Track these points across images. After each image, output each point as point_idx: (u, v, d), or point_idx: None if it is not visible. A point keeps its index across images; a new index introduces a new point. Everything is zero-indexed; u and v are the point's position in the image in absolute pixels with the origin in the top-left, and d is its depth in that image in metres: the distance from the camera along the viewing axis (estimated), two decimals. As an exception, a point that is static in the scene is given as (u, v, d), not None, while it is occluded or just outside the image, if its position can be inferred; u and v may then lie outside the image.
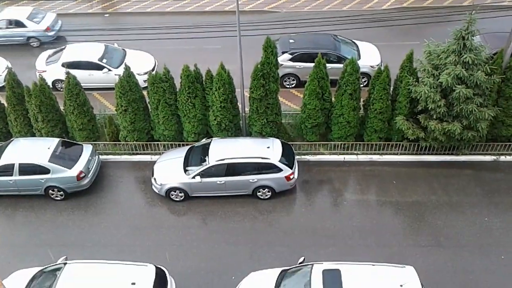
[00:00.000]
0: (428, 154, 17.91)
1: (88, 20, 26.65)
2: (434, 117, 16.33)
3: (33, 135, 18.36)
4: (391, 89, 17.11)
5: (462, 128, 16.10)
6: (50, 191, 16.89)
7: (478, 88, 15.67)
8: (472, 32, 15.09)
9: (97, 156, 17.85)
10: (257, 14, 26.01)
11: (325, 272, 12.65)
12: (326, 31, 21.30)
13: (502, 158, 17.90)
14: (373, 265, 12.96)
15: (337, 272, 12.59)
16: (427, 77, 15.96)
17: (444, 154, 17.95)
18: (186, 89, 16.84)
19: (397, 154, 18.09)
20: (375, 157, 18.12)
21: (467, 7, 23.21)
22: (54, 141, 17.26)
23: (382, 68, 16.84)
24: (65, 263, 13.44)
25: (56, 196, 17.06)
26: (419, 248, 15.24)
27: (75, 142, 17.99)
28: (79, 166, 16.78)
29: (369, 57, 21.33)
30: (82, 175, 16.77)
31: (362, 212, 16.42)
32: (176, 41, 20.45)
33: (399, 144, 17.84)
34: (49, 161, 16.51)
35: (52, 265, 13.65)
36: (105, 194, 17.37)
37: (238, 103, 17.59)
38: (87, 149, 17.45)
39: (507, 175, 17.42)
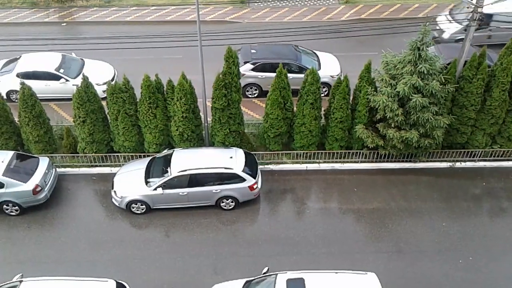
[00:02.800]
0: (387, 161, 18.31)
1: (44, 29, 25.93)
2: (392, 125, 16.73)
3: (-14, 148, 17.66)
4: (351, 99, 17.44)
5: (419, 136, 16.56)
6: (5, 206, 16.22)
7: (433, 97, 16.19)
8: (426, 43, 15.60)
9: (54, 169, 17.30)
10: (218, 24, 26.03)
11: (289, 282, 12.67)
12: (287, 41, 21.54)
13: (458, 164, 18.51)
14: (336, 272, 13.08)
15: (301, 281, 12.62)
16: (384, 86, 16.36)
17: (402, 161, 18.39)
18: (147, 99, 16.61)
19: (357, 162, 18.41)
20: (337, 165, 18.37)
21: (421, 19, 24.01)
22: (8, 154, 16.63)
23: (342, 78, 17.14)
24: (20, 281, 12.96)
25: (11, 212, 16.41)
26: (381, 255, 15.51)
27: (30, 155, 17.40)
28: (35, 179, 16.20)
29: (329, 67, 21.68)
30: (38, 189, 16.20)
31: (325, 220, 16.57)
32: (136, 51, 20.15)
33: (360, 152, 18.16)
34: (3, 175, 15.88)
35: (7, 283, 13.10)
36: (62, 208, 16.84)
37: (200, 113, 17.49)
38: (44, 162, 16.89)
39: (463, 181, 18.03)
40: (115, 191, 16.45)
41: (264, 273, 13.62)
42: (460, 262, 15.34)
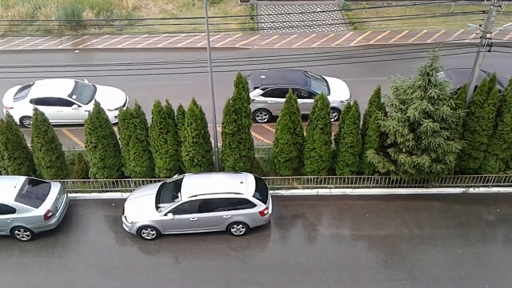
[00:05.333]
0: (399, 187, 18.15)
1: (57, 56, 26.41)
2: (403, 150, 16.65)
3: (-1, 173, 17.82)
4: (361, 124, 17.43)
5: (430, 161, 16.44)
6: (16, 231, 16.25)
7: (444, 122, 16.13)
8: (436, 68, 15.64)
9: (65, 194, 17.36)
10: (228, 51, 26.37)
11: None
12: (297, 67, 21.72)
13: (471, 190, 18.29)
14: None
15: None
16: (395, 111, 16.36)
17: (414, 186, 18.23)
18: (158, 124, 16.74)
19: (369, 187, 18.27)
20: (348, 191, 18.24)
21: (430, 45, 24.15)
22: (21, 179, 16.74)
23: (352, 103, 17.18)
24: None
25: (23, 237, 16.41)
26: (394, 282, 15.22)
27: (42, 180, 17.50)
28: (47, 205, 16.26)
29: (339, 93, 21.79)
30: (50, 214, 16.23)
31: (336, 246, 16.37)
32: (147, 77, 20.47)
33: (371, 178, 18.04)
34: (15, 200, 15.96)
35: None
36: (73, 234, 16.82)
37: (211, 138, 17.56)
38: (55, 187, 16.97)
39: (476, 207, 17.78)
40: (125, 217, 16.43)
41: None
42: (476, 290, 15.04)
